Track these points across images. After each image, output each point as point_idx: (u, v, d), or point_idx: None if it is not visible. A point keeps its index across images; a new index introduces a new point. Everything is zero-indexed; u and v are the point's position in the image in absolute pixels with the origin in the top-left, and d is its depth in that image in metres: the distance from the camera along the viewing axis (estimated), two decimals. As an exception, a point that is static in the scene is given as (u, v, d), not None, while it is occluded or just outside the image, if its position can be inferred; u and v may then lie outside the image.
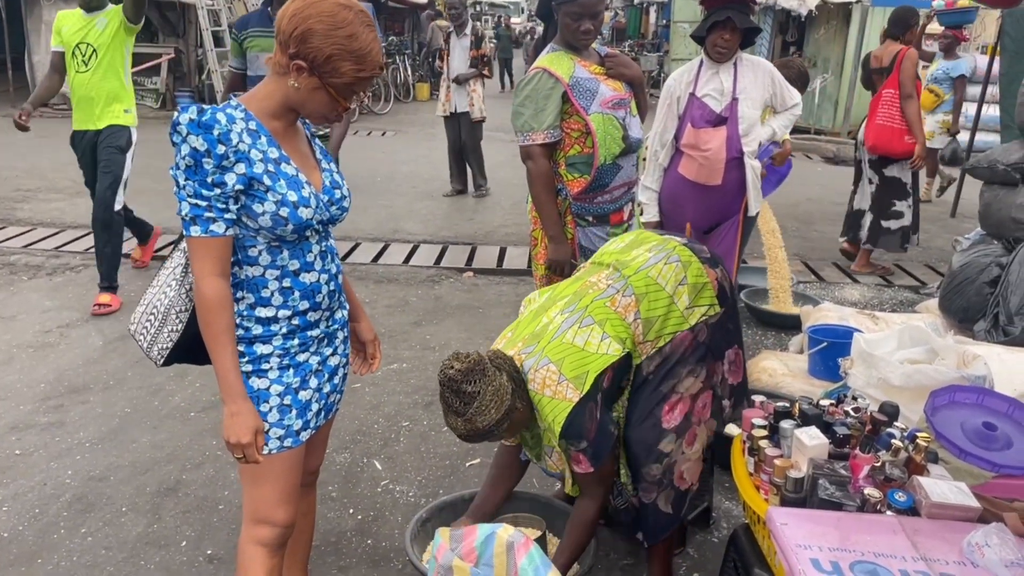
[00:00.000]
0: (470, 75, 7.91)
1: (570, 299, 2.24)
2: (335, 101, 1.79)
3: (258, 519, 1.97)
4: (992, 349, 2.96)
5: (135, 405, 3.73)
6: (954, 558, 1.68)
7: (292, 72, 1.74)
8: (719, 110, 3.60)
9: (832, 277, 5.99)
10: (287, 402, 1.89)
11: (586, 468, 2.14)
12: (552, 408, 2.05)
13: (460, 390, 2.00)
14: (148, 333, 1.91)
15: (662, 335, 2.23)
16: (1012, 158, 4.28)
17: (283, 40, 1.73)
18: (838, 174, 10.38)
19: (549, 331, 2.16)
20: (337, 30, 1.70)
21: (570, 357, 2.09)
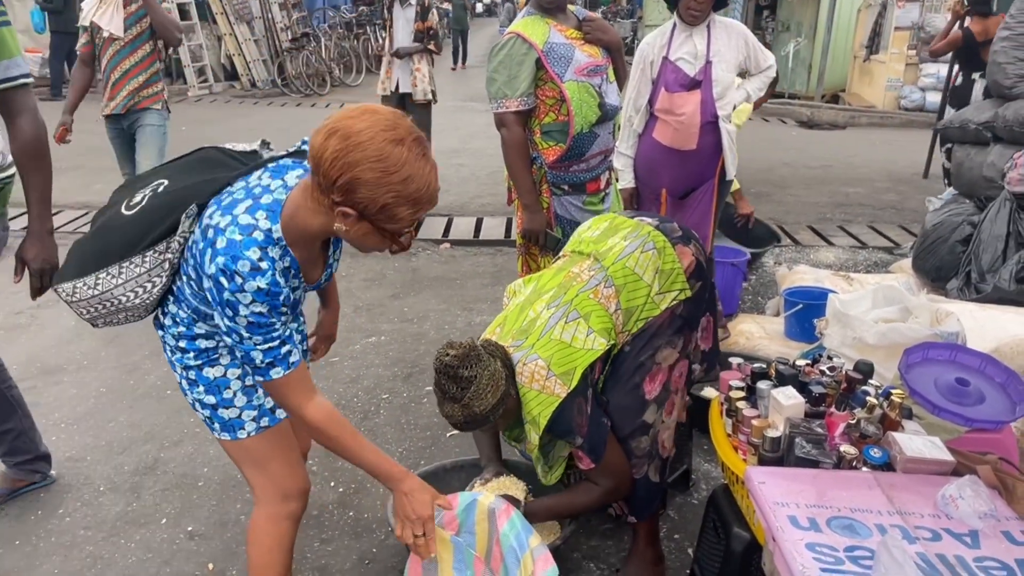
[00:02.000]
0: (412, 50, 6.78)
1: (555, 292, 2.22)
2: (389, 241, 1.61)
3: (281, 496, 1.97)
4: (965, 306, 2.99)
5: (110, 385, 3.69)
6: (929, 511, 1.70)
7: (338, 217, 1.54)
8: (693, 74, 3.57)
9: (807, 240, 6.02)
10: (249, 383, 1.88)
11: (588, 464, 2.15)
12: (539, 402, 2.05)
13: (457, 375, 1.97)
14: (92, 309, 1.83)
15: (637, 323, 2.24)
16: (983, 117, 4.31)
17: (325, 185, 1.49)
18: (812, 138, 10.42)
19: (537, 327, 2.15)
20: (390, 176, 1.47)
21: (558, 353, 2.08)
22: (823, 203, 7.07)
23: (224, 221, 1.59)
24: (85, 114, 11.59)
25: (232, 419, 1.88)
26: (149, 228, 1.73)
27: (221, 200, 1.68)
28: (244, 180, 1.72)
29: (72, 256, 1.83)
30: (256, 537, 2.00)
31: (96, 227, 1.84)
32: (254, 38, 13.86)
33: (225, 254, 1.55)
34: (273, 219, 1.60)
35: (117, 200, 1.86)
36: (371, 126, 1.48)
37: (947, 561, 1.55)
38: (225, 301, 1.57)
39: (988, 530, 1.65)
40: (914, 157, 8.64)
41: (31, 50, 13.11)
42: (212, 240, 1.59)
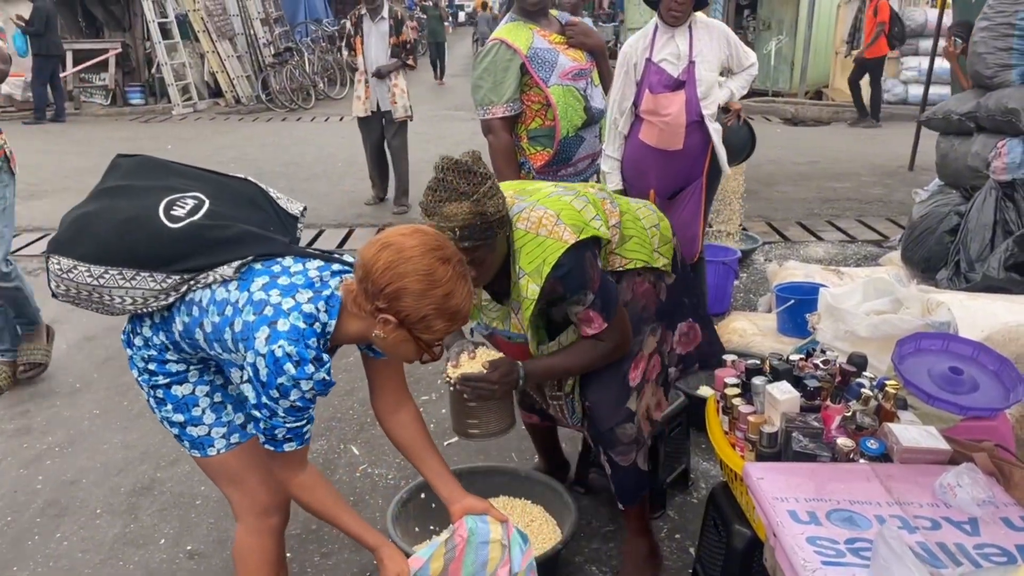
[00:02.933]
0: (392, 67, 6.53)
1: (562, 184, 2.22)
2: (422, 352, 1.69)
3: (258, 510, 1.97)
4: (955, 296, 3.01)
5: (103, 407, 3.66)
6: (927, 500, 1.71)
7: (379, 324, 1.62)
8: (676, 74, 3.59)
9: (797, 236, 6.05)
10: (218, 399, 1.88)
11: (600, 324, 2.06)
12: (544, 247, 1.95)
13: (471, 170, 1.85)
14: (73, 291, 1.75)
15: (631, 259, 2.21)
16: (965, 107, 4.33)
17: (372, 291, 1.59)
18: (797, 135, 10.47)
19: (542, 191, 2.10)
20: (434, 290, 1.58)
21: (567, 211, 2.01)
22: (811, 199, 7.11)
23: (287, 303, 1.61)
24: (70, 135, 11.60)
25: (201, 436, 1.88)
26: (187, 254, 1.69)
27: (276, 276, 1.68)
28: (301, 263, 1.72)
29: (84, 235, 1.72)
30: (241, 555, 2.01)
31: (123, 219, 1.71)
32: (237, 54, 13.85)
33: (289, 339, 1.58)
34: (332, 314, 1.66)
35: (134, 190, 1.77)
36: (421, 243, 1.60)
37: (947, 549, 1.55)
38: (277, 384, 1.59)
39: (987, 517, 1.65)
40: (899, 150, 8.69)
41: (14, 74, 13.07)
42: (270, 319, 1.59)
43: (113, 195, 1.78)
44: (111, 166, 1.88)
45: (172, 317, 1.76)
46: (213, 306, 1.68)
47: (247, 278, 1.68)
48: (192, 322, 1.72)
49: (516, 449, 3.20)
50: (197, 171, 1.91)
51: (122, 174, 1.83)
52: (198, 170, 1.92)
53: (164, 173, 1.85)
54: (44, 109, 12.06)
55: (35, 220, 6.63)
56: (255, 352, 1.58)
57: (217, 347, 1.69)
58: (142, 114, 13.10)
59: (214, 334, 1.68)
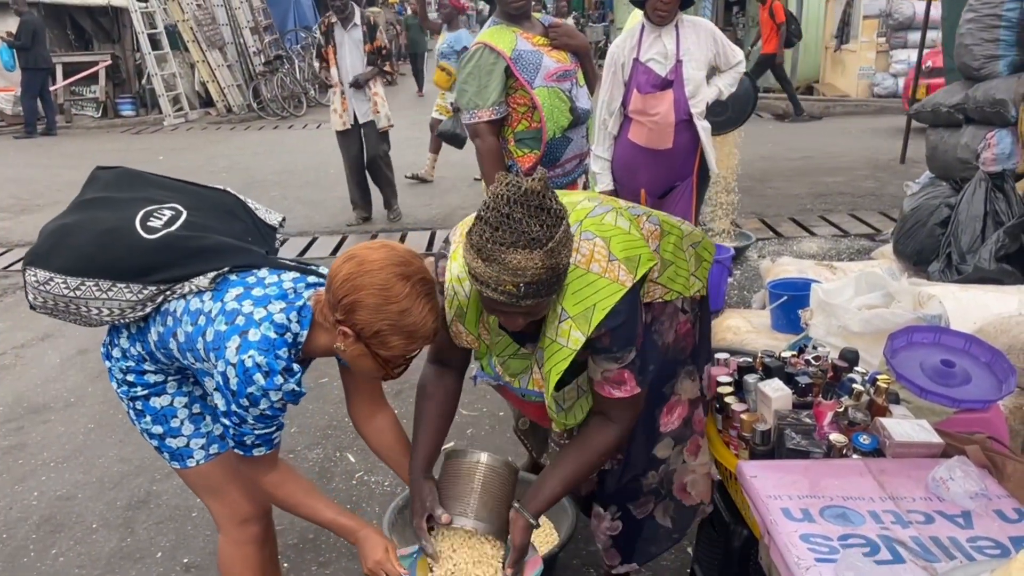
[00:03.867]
0: (370, 75, 6.21)
1: (591, 197, 1.84)
2: (381, 368, 1.67)
3: (238, 521, 1.98)
4: (947, 288, 3.01)
5: (98, 420, 3.65)
6: (920, 494, 1.70)
7: (339, 336, 1.62)
8: (664, 74, 3.59)
9: (789, 232, 6.05)
10: (196, 410, 1.88)
11: (632, 388, 1.71)
12: (597, 289, 1.59)
13: (543, 206, 1.43)
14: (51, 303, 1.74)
15: (670, 288, 1.88)
16: (954, 100, 4.34)
17: (332, 301, 1.59)
18: (789, 130, 10.48)
19: (580, 208, 1.73)
20: (389, 305, 1.55)
21: (618, 237, 1.66)
22: (803, 194, 7.11)
23: (259, 313, 1.62)
24: (61, 149, 11.58)
25: (180, 448, 1.88)
26: (163, 265, 1.69)
27: (250, 287, 1.68)
28: (276, 274, 1.73)
29: (61, 247, 1.71)
30: (225, 564, 2.02)
31: (101, 231, 1.71)
32: (227, 63, 13.85)
33: (259, 349, 1.58)
34: (304, 324, 1.67)
35: (113, 202, 1.78)
36: (384, 258, 1.57)
37: (941, 543, 1.55)
38: (246, 393, 1.58)
39: (980, 510, 1.65)
40: (890, 143, 8.71)
41: (3, 89, 13.06)
42: (242, 328, 1.60)
43: (91, 207, 1.78)
44: (90, 178, 1.88)
45: (148, 327, 1.77)
46: (187, 316, 1.68)
47: (221, 288, 1.69)
48: (166, 332, 1.72)
49: (513, 453, 3.19)
50: (175, 182, 1.92)
51: (101, 186, 1.84)
52: (176, 181, 1.92)
53: (142, 184, 1.85)
54: (35, 123, 12.04)
55: (27, 235, 6.61)
56: (225, 361, 1.58)
57: (190, 356, 1.69)
58: (134, 125, 13.09)
59: (187, 344, 1.68)
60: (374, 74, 6.27)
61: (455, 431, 3.17)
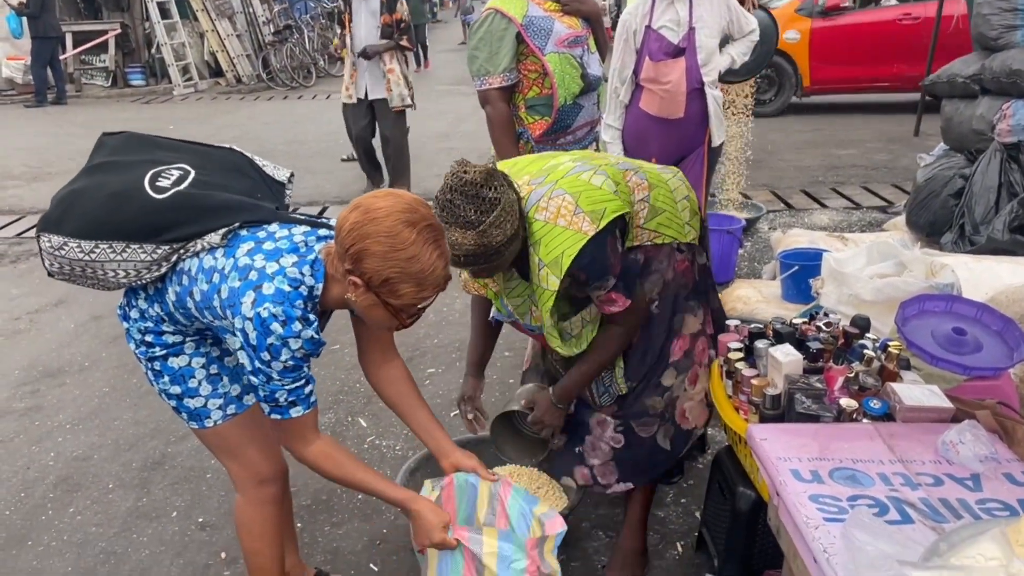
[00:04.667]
0: (381, 48, 5.84)
1: (579, 156, 2.10)
2: (393, 318, 1.68)
3: (257, 481, 2.00)
4: (959, 258, 3.01)
5: (113, 384, 3.70)
6: (930, 457, 1.71)
7: (349, 286, 1.63)
8: (676, 41, 3.56)
9: (801, 204, 6.02)
10: (214, 371, 1.89)
11: (623, 303, 2.01)
12: (564, 239, 1.87)
13: (479, 195, 1.75)
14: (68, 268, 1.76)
15: (660, 232, 2.11)
16: (970, 70, 4.30)
17: (341, 251, 1.60)
18: (799, 103, 10.37)
19: (560, 169, 2.00)
20: (396, 252, 1.55)
21: (587, 192, 1.92)
22: (815, 166, 7.07)
23: (271, 268, 1.63)
24: (72, 118, 11.58)
25: (198, 408, 1.90)
26: (175, 223, 1.70)
27: (261, 241, 1.69)
28: (287, 228, 1.73)
29: (72, 212, 1.73)
30: (243, 524, 2.04)
31: (110, 194, 1.72)
32: (236, 33, 13.78)
33: (274, 302, 1.59)
34: (318, 277, 1.67)
35: (120, 165, 1.79)
36: (390, 206, 1.58)
37: (950, 504, 1.56)
38: (267, 345, 1.59)
39: (989, 473, 1.66)
40: (904, 116, 8.62)
41: (13, 57, 13.04)
42: (255, 283, 1.61)
43: (98, 172, 1.79)
44: (97, 145, 1.88)
45: (165, 288, 1.78)
46: (201, 274, 1.69)
47: (233, 244, 1.70)
48: (183, 291, 1.73)
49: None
50: (181, 143, 1.92)
51: (108, 151, 1.85)
52: (183, 142, 1.93)
53: (149, 147, 1.86)
54: (45, 92, 12.04)
55: (39, 203, 6.64)
56: (242, 317, 1.60)
57: (208, 315, 1.70)
58: (143, 95, 13.08)
59: (203, 302, 1.69)
60: (387, 47, 5.89)
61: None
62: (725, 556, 2.25)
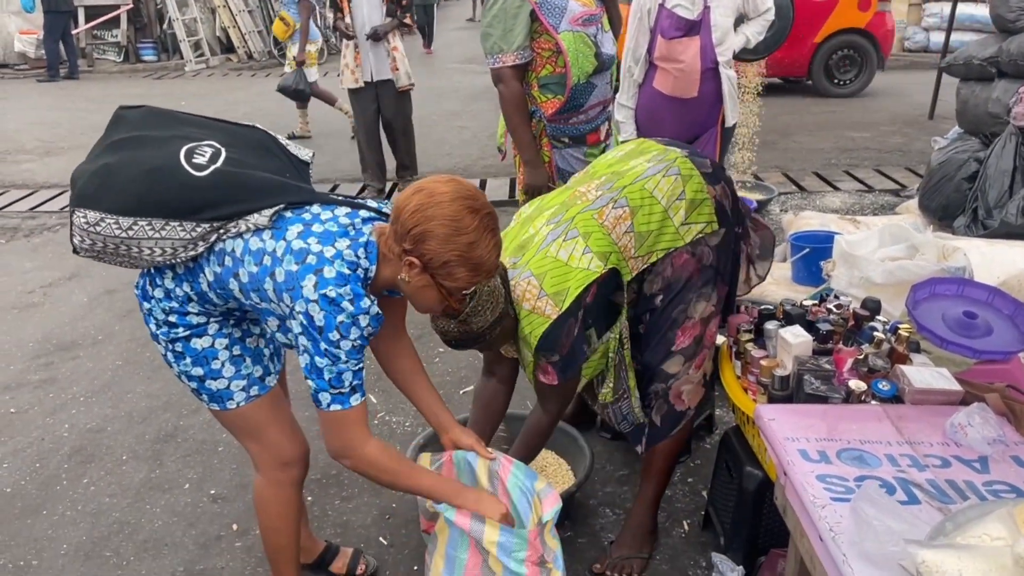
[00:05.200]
0: (389, 27, 5.58)
1: (556, 209, 2.14)
2: (444, 300, 1.70)
3: (280, 463, 2.00)
4: (972, 242, 3.00)
5: (126, 358, 3.73)
6: (938, 439, 1.72)
7: (405, 267, 1.64)
8: (691, 17, 3.54)
9: (813, 186, 5.99)
10: (237, 352, 1.88)
11: (552, 380, 2.09)
12: (530, 322, 2.00)
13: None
14: (100, 244, 1.72)
15: (654, 251, 2.13)
16: (987, 52, 4.26)
17: (400, 233, 1.61)
18: (809, 85, 10.29)
19: (535, 243, 2.08)
20: (459, 236, 1.58)
21: (552, 272, 2.01)
22: (828, 149, 7.02)
23: (329, 251, 1.63)
24: (84, 92, 11.58)
25: (220, 390, 1.88)
26: (216, 202, 1.67)
27: (309, 223, 1.68)
28: (330, 210, 1.73)
29: (110, 187, 1.68)
30: (262, 504, 2.04)
31: (148, 169, 1.68)
32: (248, 9, 13.74)
33: (336, 284, 1.59)
34: (372, 260, 1.68)
35: (150, 140, 1.74)
36: (453, 191, 1.61)
37: (957, 486, 1.57)
38: (336, 324, 1.59)
39: (997, 455, 1.66)
40: (919, 98, 8.55)
41: (26, 31, 13.05)
42: (315, 267, 1.60)
43: (127, 146, 1.75)
44: (115, 119, 1.83)
45: (199, 267, 1.75)
46: (249, 256, 1.67)
47: (280, 227, 1.68)
48: (225, 272, 1.71)
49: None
50: (205, 119, 1.89)
51: (130, 126, 1.80)
52: (206, 119, 1.90)
53: (174, 123, 1.83)
54: (57, 66, 12.05)
55: (52, 177, 6.68)
56: (305, 300, 1.59)
57: (254, 296, 1.69)
58: (155, 70, 13.08)
59: (251, 284, 1.68)
60: (394, 26, 5.64)
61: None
62: (731, 534, 2.27)
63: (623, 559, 2.34)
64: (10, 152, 7.77)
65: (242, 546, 2.52)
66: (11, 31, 13.24)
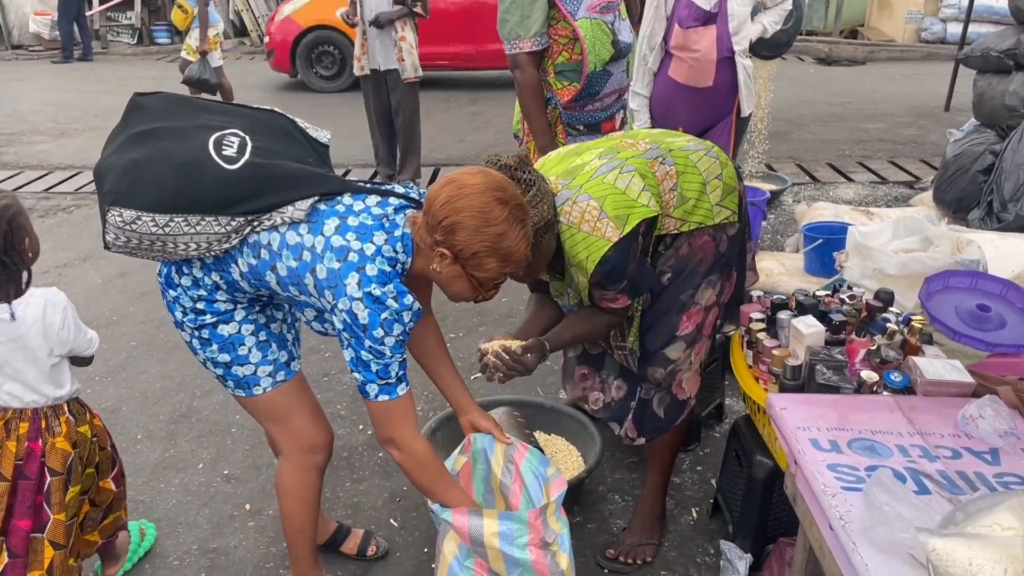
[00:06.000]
0: (395, 15, 5.27)
1: (606, 149, 2.09)
2: (475, 290, 1.73)
3: (305, 448, 2.01)
4: (986, 235, 2.98)
5: (140, 339, 3.76)
6: (949, 431, 1.73)
7: (436, 257, 1.67)
8: (708, 8, 3.52)
9: (827, 177, 5.97)
10: (263, 338, 1.90)
11: (623, 303, 2.05)
12: (588, 245, 1.92)
13: (515, 177, 1.80)
14: (135, 240, 1.71)
15: (687, 220, 2.10)
16: (1005, 44, 4.23)
17: (432, 224, 1.64)
18: (831, 74, 10.23)
19: (586, 171, 2.01)
20: (488, 227, 1.61)
21: (612, 196, 1.93)
22: (842, 140, 6.99)
23: (369, 249, 1.66)
24: (98, 74, 11.58)
25: (247, 376, 1.90)
26: (250, 195, 1.68)
27: (344, 216, 1.69)
28: (361, 200, 1.74)
29: (142, 183, 1.65)
30: (285, 488, 2.06)
31: (180, 164, 1.67)
32: (261, -8, 13.70)
33: (379, 283, 1.62)
34: (408, 252, 1.71)
35: (174, 132, 1.72)
36: (483, 183, 1.64)
37: (967, 478, 1.57)
38: (380, 321, 1.62)
39: (1008, 448, 1.67)
40: (935, 90, 8.48)
41: (40, 12, 13.07)
42: (357, 264, 1.63)
43: (152, 138, 1.71)
44: (133, 106, 1.80)
45: (230, 258, 1.75)
46: (287, 251, 1.69)
47: (316, 220, 1.69)
48: (261, 265, 1.72)
49: (541, 384, 3.26)
50: (223, 105, 1.89)
51: (150, 115, 1.77)
52: (223, 104, 1.91)
53: (193, 110, 1.81)
54: (71, 48, 12.07)
55: (67, 158, 6.70)
56: (349, 298, 1.61)
57: (293, 290, 1.71)
58: (169, 53, 13.06)
59: (290, 278, 1.69)
60: (402, 14, 5.34)
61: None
62: (740, 522, 2.29)
63: (635, 546, 2.36)
64: (25, 133, 7.80)
65: (255, 526, 2.55)
66: (26, 11, 13.26)
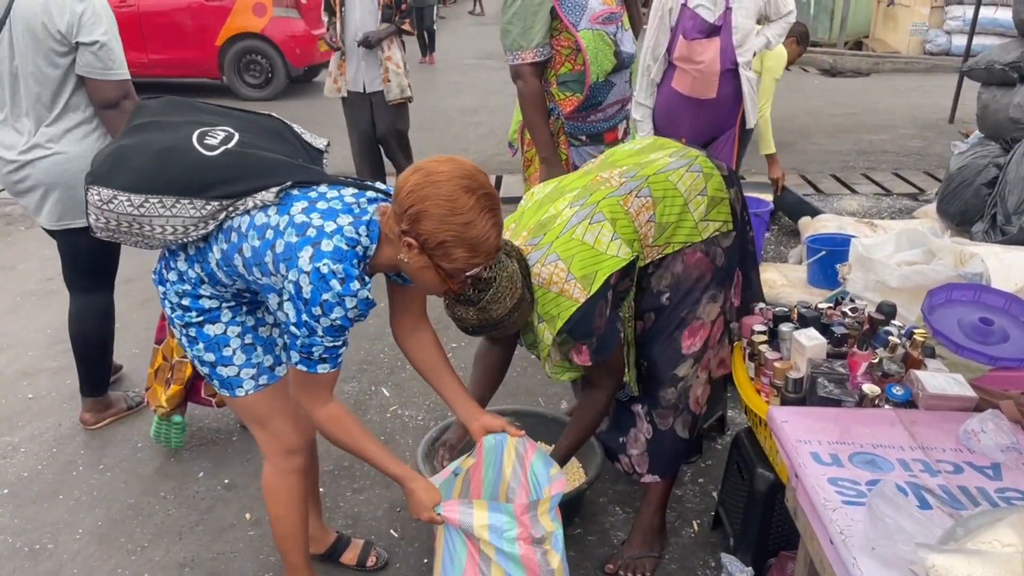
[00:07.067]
0: (383, 34, 4.92)
1: (580, 192, 2.11)
2: (443, 282, 1.71)
3: (283, 451, 2.03)
4: (990, 248, 2.97)
5: (141, 347, 3.76)
6: (951, 445, 1.72)
7: (403, 247, 1.65)
8: (712, 20, 3.53)
9: (830, 189, 5.96)
10: (248, 341, 1.92)
11: (584, 360, 2.08)
12: (557, 305, 1.98)
13: (478, 275, 1.83)
14: (115, 223, 1.78)
15: (671, 242, 2.16)
16: (1009, 57, 4.22)
17: (398, 212, 1.63)
18: (835, 86, 10.25)
19: (557, 224, 2.04)
20: (454, 216, 1.59)
21: (580, 255, 1.98)
22: (846, 151, 6.99)
23: (329, 226, 1.65)
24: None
25: (231, 377, 1.92)
26: (225, 180, 1.71)
27: (314, 200, 1.71)
28: (336, 190, 1.75)
29: (122, 165, 1.75)
30: (270, 491, 2.08)
31: (159, 149, 1.74)
32: None
33: (333, 259, 1.61)
34: (372, 239, 1.70)
35: (166, 125, 1.80)
36: (451, 171, 1.62)
37: (969, 493, 1.56)
38: (320, 300, 1.61)
39: (1010, 463, 1.66)
40: (940, 102, 8.49)
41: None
42: (314, 239, 1.63)
43: (143, 131, 1.81)
44: (138, 108, 1.91)
45: (208, 247, 1.79)
46: (253, 231, 1.71)
47: (286, 203, 1.71)
48: (230, 248, 1.75)
49: (543, 394, 3.25)
50: (222, 108, 1.95)
51: (150, 113, 1.87)
52: (222, 107, 1.96)
53: (192, 110, 1.89)
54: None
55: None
56: (299, 270, 1.61)
57: (256, 271, 1.72)
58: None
59: (254, 258, 1.71)
60: (389, 33, 4.98)
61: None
62: (741, 535, 2.28)
63: (635, 559, 2.35)
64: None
65: (255, 534, 2.55)
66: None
